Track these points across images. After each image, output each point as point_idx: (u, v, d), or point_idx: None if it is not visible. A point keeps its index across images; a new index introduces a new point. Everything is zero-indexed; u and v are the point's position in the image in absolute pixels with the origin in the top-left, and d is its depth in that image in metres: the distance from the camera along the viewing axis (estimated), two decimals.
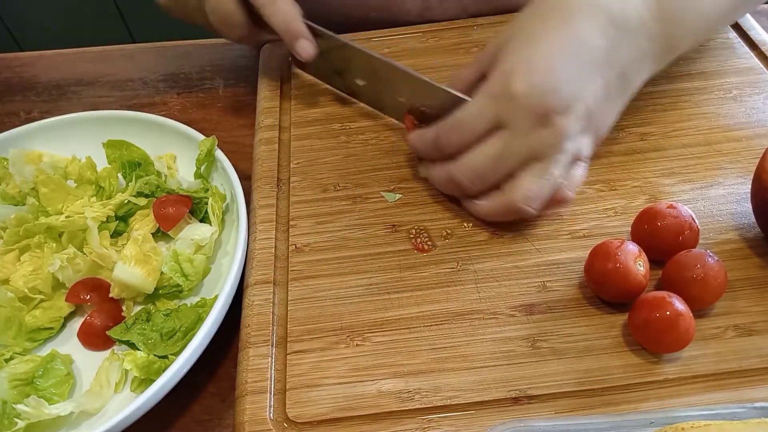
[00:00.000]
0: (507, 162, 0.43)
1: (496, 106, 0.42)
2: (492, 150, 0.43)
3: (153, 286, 0.46)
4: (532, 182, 0.43)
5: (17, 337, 0.44)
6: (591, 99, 0.42)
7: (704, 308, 0.41)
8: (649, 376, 0.38)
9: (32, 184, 0.52)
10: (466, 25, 0.65)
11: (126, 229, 0.51)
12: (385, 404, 0.38)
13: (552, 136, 0.42)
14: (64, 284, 0.47)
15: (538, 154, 0.42)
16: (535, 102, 0.41)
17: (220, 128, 0.61)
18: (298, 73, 0.62)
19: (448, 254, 0.46)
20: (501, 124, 0.43)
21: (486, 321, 0.42)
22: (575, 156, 0.44)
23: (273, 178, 0.52)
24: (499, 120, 0.43)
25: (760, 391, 0.37)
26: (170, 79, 0.68)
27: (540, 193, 0.43)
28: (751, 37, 0.59)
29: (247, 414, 0.38)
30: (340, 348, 0.41)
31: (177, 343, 0.43)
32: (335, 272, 0.45)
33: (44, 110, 0.66)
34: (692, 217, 0.42)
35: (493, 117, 0.43)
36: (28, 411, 0.39)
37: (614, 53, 0.43)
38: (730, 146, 0.51)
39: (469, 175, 0.44)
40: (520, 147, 0.42)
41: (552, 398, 0.38)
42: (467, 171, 0.44)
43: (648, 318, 0.38)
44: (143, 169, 0.54)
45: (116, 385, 0.42)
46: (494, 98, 0.43)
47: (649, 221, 0.43)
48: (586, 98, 0.42)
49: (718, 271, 0.39)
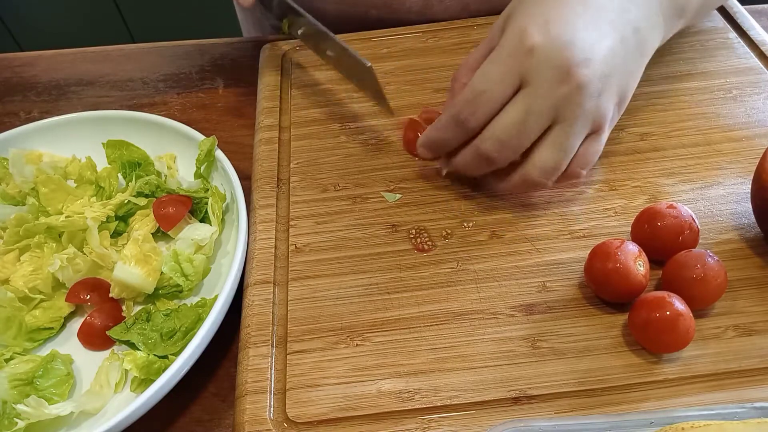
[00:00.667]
0: (531, 125, 0.42)
1: (514, 63, 0.41)
2: (515, 113, 0.42)
3: (153, 286, 0.46)
4: (548, 152, 0.42)
5: (17, 337, 0.44)
6: (608, 53, 0.42)
7: (704, 308, 0.41)
8: (649, 376, 0.38)
9: (32, 184, 0.52)
10: (466, 25, 0.65)
11: (126, 229, 0.51)
12: (385, 404, 0.38)
13: (572, 91, 0.41)
14: (64, 284, 0.47)
15: (560, 113, 0.41)
16: (554, 54, 0.40)
17: (220, 128, 0.61)
18: (298, 73, 0.62)
19: (448, 254, 0.46)
20: (521, 84, 0.42)
21: (486, 321, 0.42)
22: (596, 122, 0.43)
23: (273, 178, 0.52)
24: (520, 78, 0.42)
25: (760, 391, 0.37)
26: (170, 79, 0.68)
27: (557, 163, 0.43)
28: (751, 37, 0.59)
29: (247, 414, 0.38)
30: (340, 348, 0.41)
31: (177, 343, 0.43)
32: (335, 272, 0.45)
33: (44, 110, 0.66)
34: (692, 217, 0.42)
35: (512, 77, 0.42)
36: (28, 411, 0.39)
37: (626, 11, 0.43)
38: (730, 146, 0.51)
39: (496, 145, 0.43)
40: (543, 105, 0.41)
41: (552, 398, 0.38)
42: (494, 141, 0.43)
43: (648, 318, 0.38)
44: (143, 169, 0.54)
45: (116, 385, 0.42)
46: (511, 56, 0.41)
47: (649, 221, 0.43)
48: (603, 52, 0.42)
49: (718, 271, 0.39)
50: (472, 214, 0.48)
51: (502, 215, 0.48)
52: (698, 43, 0.59)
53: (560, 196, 0.49)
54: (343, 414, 0.38)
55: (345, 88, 0.60)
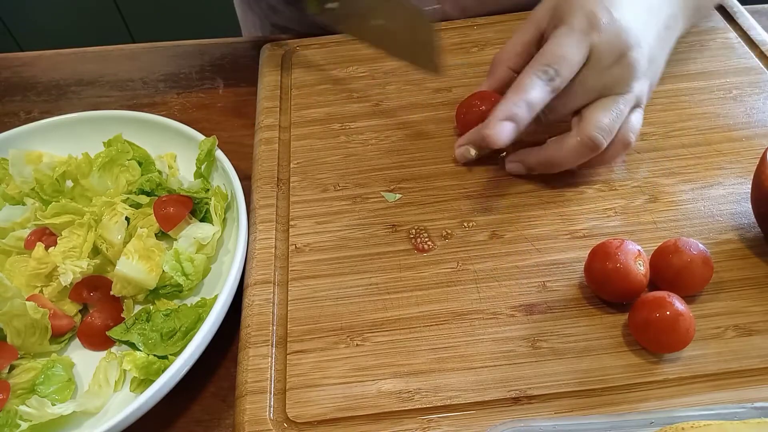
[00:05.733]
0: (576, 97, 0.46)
1: (586, 39, 0.44)
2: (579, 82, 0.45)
3: (155, 282, 0.46)
4: (603, 114, 0.45)
5: (42, 342, 0.44)
6: (652, 42, 0.47)
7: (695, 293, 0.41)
8: (649, 376, 0.38)
9: (32, 184, 0.52)
10: (466, 25, 0.65)
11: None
12: (385, 404, 0.38)
13: (624, 72, 0.45)
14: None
15: (607, 91, 0.45)
16: (619, 36, 0.44)
17: (220, 128, 0.61)
18: (299, 73, 0.62)
19: (448, 254, 0.46)
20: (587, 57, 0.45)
21: (486, 321, 0.42)
22: (639, 98, 0.47)
23: (273, 178, 0.52)
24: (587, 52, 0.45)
25: (760, 391, 0.37)
26: (170, 79, 0.68)
27: (611, 124, 0.45)
28: (751, 37, 0.59)
29: (247, 414, 0.38)
30: (340, 348, 0.41)
31: (177, 343, 0.43)
32: (335, 272, 0.45)
33: (44, 110, 0.66)
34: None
35: (585, 48, 0.45)
36: (31, 412, 0.39)
37: (659, 7, 0.49)
38: (730, 146, 0.51)
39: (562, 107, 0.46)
40: (594, 82, 0.45)
41: (552, 398, 0.38)
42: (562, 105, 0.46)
43: (648, 318, 0.38)
44: (144, 169, 0.54)
45: (116, 384, 0.42)
46: (584, 33, 0.45)
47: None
48: (648, 40, 0.46)
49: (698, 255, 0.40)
50: (472, 214, 0.48)
51: (502, 215, 0.48)
52: (698, 43, 0.59)
53: (560, 196, 0.49)
54: (343, 414, 0.38)
55: (345, 88, 0.60)
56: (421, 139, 0.54)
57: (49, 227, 0.49)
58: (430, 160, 0.52)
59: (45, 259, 0.46)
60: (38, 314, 0.43)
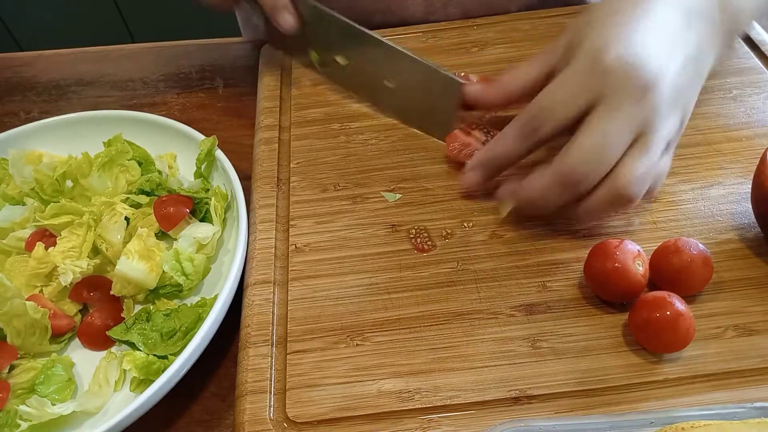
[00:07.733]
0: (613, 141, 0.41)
1: (588, 82, 0.41)
2: (595, 133, 0.41)
3: (155, 282, 0.46)
4: (635, 165, 0.41)
5: (42, 342, 0.44)
6: (676, 75, 0.42)
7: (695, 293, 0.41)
8: (649, 376, 0.38)
9: (32, 184, 0.52)
10: (466, 25, 0.65)
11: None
12: (385, 404, 0.38)
13: (646, 111, 0.41)
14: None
15: (638, 133, 0.41)
16: (630, 74, 0.40)
17: (220, 128, 0.61)
18: (299, 73, 0.62)
19: (448, 254, 0.46)
20: (594, 103, 0.41)
21: (486, 321, 0.42)
22: (667, 140, 0.43)
23: (273, 178, 0.52)
24: (592, 98, 0.41)
25: (760, 391, 0.37)
26: (170, 79, 0.68)
27: (645, 176, 0.41)
28: (751, 37, 0.59)
29: (247, 414, 0.38)
30: (340, 348, 0.41)
31: (177, 343, 0.43)
32: (335, 272, 0.45)
33: (44, 110, 0.66)
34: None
35: (586, 94, 0.41)
36: (31, 412, 0.39)
37: (688, 35, 0.44)
38: (730, 146, 0.51)
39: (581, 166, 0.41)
40: (621, 124, 0.41)
41: (552, 398, 0.38)
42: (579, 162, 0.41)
43: (648, 318, 0.38)
44: (144, 168, 0.54)
45: (116, 384, 0.42)
46: (585, 75, 0.42)
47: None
48: (671, 74, 0.42)
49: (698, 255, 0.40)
50: (472, 214, 0.48)
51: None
52: None
53: None
54: (343, 414, 0.38)
55: (345, 88, 0.60)
56: (421, 139, 0.54)
57: (48, 228, 0.49)
58: (430, 160, 0.52)
59: (45, 259, 0.46)
60: (38, 314, 0.43)
